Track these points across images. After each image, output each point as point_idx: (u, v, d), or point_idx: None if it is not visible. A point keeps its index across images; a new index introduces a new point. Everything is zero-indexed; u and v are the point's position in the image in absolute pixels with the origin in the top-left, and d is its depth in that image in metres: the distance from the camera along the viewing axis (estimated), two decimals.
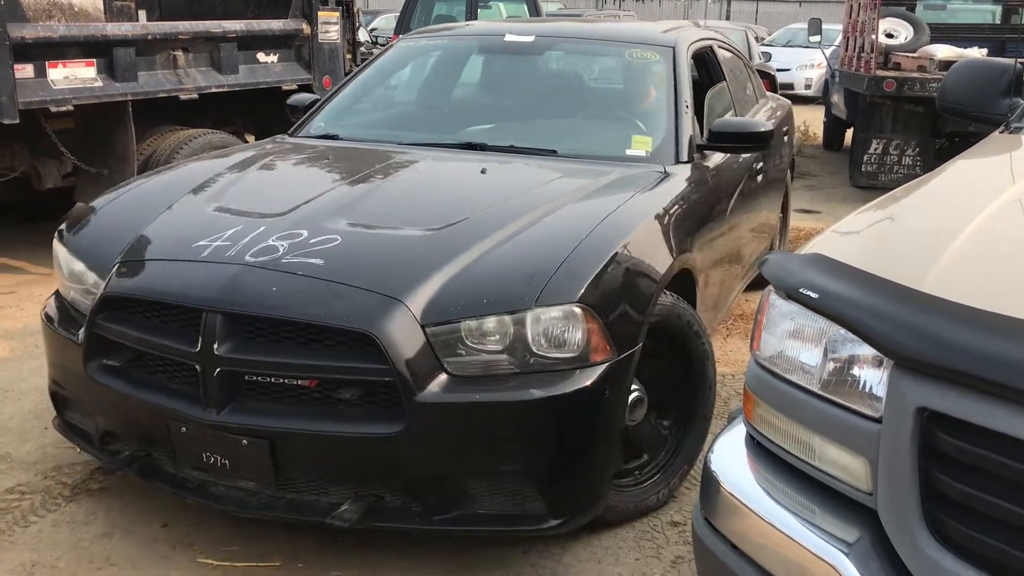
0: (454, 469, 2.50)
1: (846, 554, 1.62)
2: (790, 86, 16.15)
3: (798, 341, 1.81)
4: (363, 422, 2.42)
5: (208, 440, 2.52)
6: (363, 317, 2.41)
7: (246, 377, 2.49)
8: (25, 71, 5.11)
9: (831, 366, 1.72)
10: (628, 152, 3.59)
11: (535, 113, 4.09)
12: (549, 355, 2.49)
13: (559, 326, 2.49)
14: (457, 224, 2.79)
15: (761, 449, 1.92)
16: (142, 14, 7.64)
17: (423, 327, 2.43)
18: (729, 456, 1.96)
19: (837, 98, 10.49)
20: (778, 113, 5.39)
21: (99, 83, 5.59)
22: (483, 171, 3.37)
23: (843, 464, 1.69)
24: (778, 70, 10.89)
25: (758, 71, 9.16)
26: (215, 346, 2.46)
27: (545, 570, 2.73)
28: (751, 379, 1.93)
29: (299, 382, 2.47)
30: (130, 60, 5.68)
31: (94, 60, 5.53)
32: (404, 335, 2.40)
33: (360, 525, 2.49)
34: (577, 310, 2.49)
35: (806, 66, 17.06)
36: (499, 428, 2.48)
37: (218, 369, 2.46)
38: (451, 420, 2.44)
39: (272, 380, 2.48)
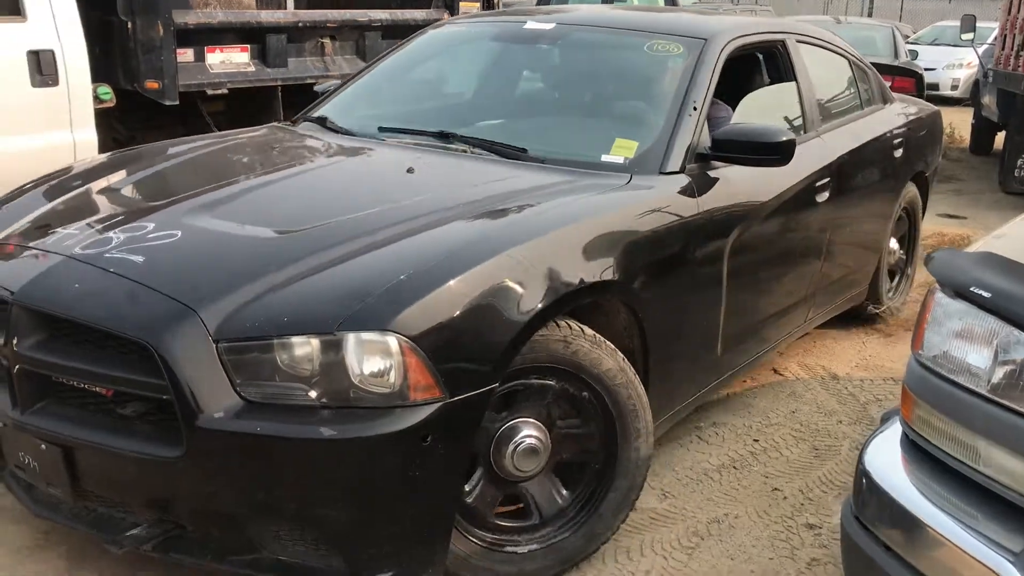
0: (240, 507, 2.18)
1: (1012, 562, 1.56)
2: (935, 86, 15.44)
3: (965, 341, 1.75)
4: (145, 441, 2.18)
5: (20, 440, 2.37)
6: (145, 325, 2.15)
7: (54, 378, 2.30)
8: (186, 55, 5.39)
9: (1003, 369, 1.66)
10: (604, 158, 3.02)
11: (526, 107, 3.71)
12: (365, 389, 2.11)
13: (370, 357, 2.10)
14: (311, 229, 2.48)
15: (918, 450, 1.87)
16: (290, 2, 7.93)
17: (215, 342, 2.11)
18: (883, 456, 1.91)
19: (989, 99, 9.99)
20: (900, 121, 4.63)
21: (252, 68, 5.84)
22: (409, 170, 2.95)
23: (1011, 470, 1.63)
24: (924, 70, 10.44)
25: (902, 70, 8.83)
26: (15, 342, 2.28)
27: (677, 562, 2.72)
28: (911, 379, 1.87)
29: (99, 389, 2.27)
30: (281, 46, 5.92)
31: (248, 46, 5.79)
32: (190, 349, 2.10)
33: (152, 552, 2.27)
34: (391, 340, 2.08)
35: (953, 65, 16.29)
36: (283, 467, 2.13)
37: (17, 367, 2.29)
38: (234, 451, 2.12)
39: (76, 384, 2.29)
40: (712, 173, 3.08)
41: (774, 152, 2.99)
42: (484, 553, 2.46)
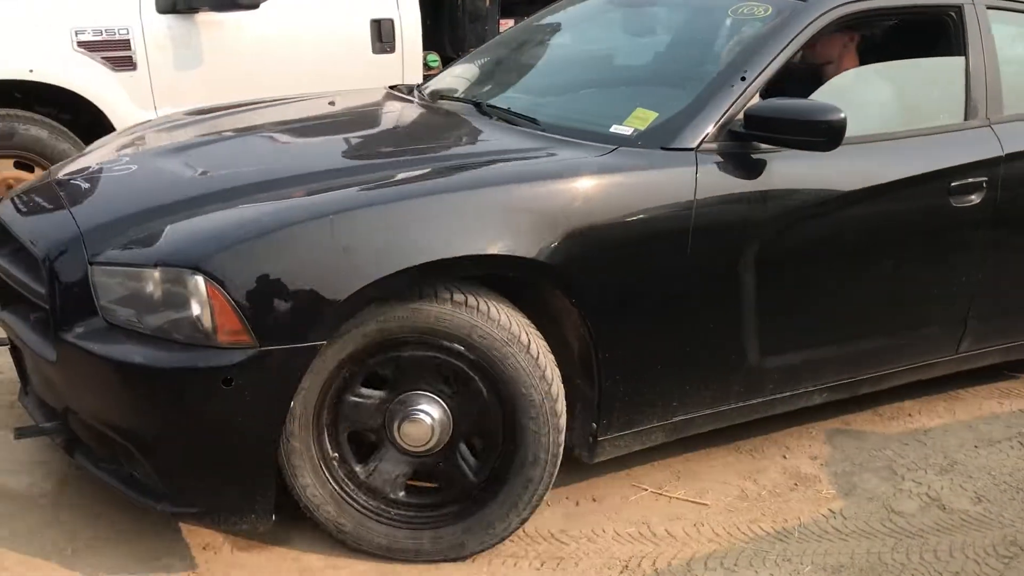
0: (93, 419, 2.37)
1: None
2: None
3: None
4: (41, 343, 2.40)
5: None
6: (46, 240, 2.41)
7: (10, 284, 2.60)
8: (507, 25, 5.66)
9: None
10: (613, 129, 2.70)
11: (579, 75, 3.41)
12: (180, 324, 2.18)
13: (181, 294, 2.17)
14: (227, 174, 2.58)
15: None
16: None
17: (90, 263, 2.28)
18: None
19: None
20: None
21: None
22: (331, 103, 3.33)
23: None
24: None
25: None
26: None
27: (992, 570, 2.54)
28: None
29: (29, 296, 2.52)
30: None
31: None
32: (70, 267, 2.31)
33: (64, 451, 2.54)
34: (198, 279, 2.13)
35: None
36: (112, 389, 2.28)
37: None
38: (84, 367, 2.29)
39: (18, 291, 2.57)
40: (757, 156, 2.65)
41: (814, 133, 2.53)
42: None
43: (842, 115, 2.52)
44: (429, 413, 2.40)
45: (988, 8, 3.18)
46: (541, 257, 2.35)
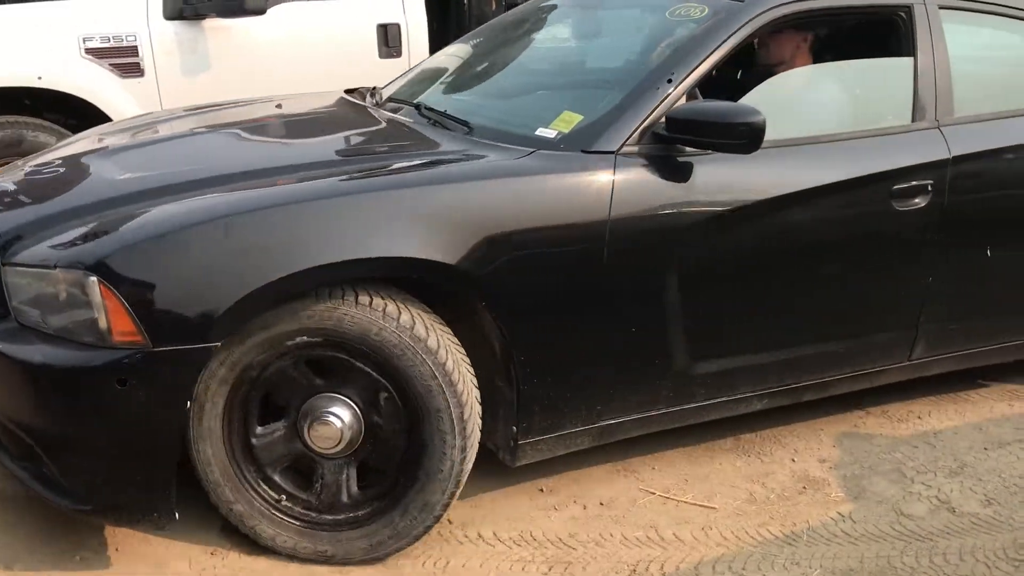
0: (8, 418, 2.39)
1: None
2: None
3: None
4: None
5: None
6: None
7: None
8: None
9: None
10: (538, 132, 2.67)
11: (520, 78, 3.35)
12: (77, 325, 2.22)
13: (78, 295, 2.20)
14: (150, 176, 2.60)
15: None
16: None
17: (3, 263, 2.32)
18: None
19: None
20: None
21: None
22: (278, 106, 3.28)
23: None
24: None
25: None
26: None
27: (1002, 572, 2.52)
28: None
29: None
30: None
31: None
32: None
33: None
34: (93, 279, 2.16)
35: None
36: (16, 387, 2.32)
37: None
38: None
39: None
40: (684, 159, 2.61)
41: (734, 135, 2.49)
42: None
43: (761, 117, 2.49)
44: (339, 416, 2.40)
45: (941, 8, 3.11)
46: (449, 260, 2.34)
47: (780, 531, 2.70)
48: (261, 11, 4.50)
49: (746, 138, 2.50)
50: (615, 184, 2.51)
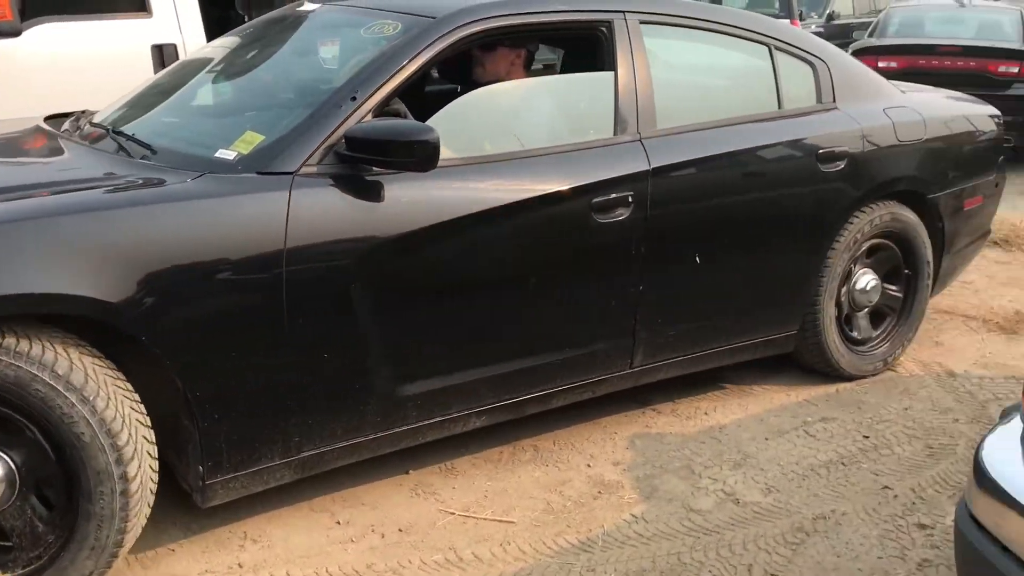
0: None
1: None
2: None
3: None
4: None
5: None
6: None
7: None
8: None
9: None
10: (218, 154, 2.57)
11: (221, 98, 3.25)
12: None
13: None
14: None
15: None
16: None
17: None
18: (1003, 453, 1.84)
19: None
20: (845, 129, 3.54)
21: None
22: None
23: None
24: None
25: None
26: None
27: (781, 557, 2.67)
28: None
29: None
30: None
31: None
32: None
33: None
34: None
35: None
36: None
37: None
38: None
39: None
40: (372, 178, 2.56)
41: (408, 153, 2.47)
42: None
43: (434, 135, 2.49)
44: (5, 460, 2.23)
45: (643, 23, 3.17)
46: (102, 295, 2.20)
47: (577, 539, 2.75)
48: (15, 33, 4.19)
49: (420, 156, 2.48)
50: (291, 206, 2.42)
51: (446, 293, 2.73)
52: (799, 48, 3.61)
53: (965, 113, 4.14)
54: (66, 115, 3.32)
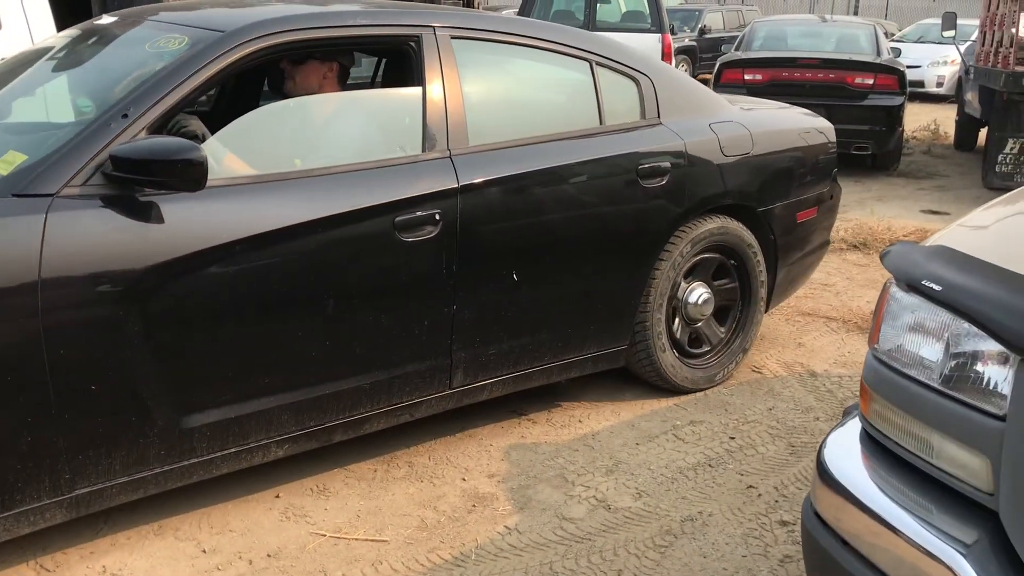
0: None
1: (964, 555, 1.57)
2: (920, 83, 15.55)
3: (919, 335, 1.77)
4: None
5: None
6: None
7: None
8: None
9: (953, 361, 1.68)
10: None
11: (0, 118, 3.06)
12: None
13: None
14: None
15: (876, 445, 1.88)
16: None
17: None
18: (843, 451, 1.93)
19: (971, 96, 10.04)
20: (668, 144, 3.53)
21: None
22: None
23: (963, 463, 1.65)
24: (908, 67, 10.46)
25: (884, 67, 8.81)
26: None
27: (650, 561, 2.72)
28: (868, 373, 1.89)
29: None
30: None
31: None
32: None
33: None
34: None
35: (938, 63, 16.34)
36: None
37: None
38: None
39: None
40: (145, 199, 2.45)
41: (174, 173, 2.38)
42: None
43: (200, 153, 2.40)
44: None
45: (454, 38, 3.13)
46: None
47: (450, 554, 2.74)
48: None
49: (187, 176, 2.40)
50: (47, 230, 2.29)
51: (231, 319, 2.61)
52: (622, 64, 3.58)
53: (797, 127, 4.16)
54: None
